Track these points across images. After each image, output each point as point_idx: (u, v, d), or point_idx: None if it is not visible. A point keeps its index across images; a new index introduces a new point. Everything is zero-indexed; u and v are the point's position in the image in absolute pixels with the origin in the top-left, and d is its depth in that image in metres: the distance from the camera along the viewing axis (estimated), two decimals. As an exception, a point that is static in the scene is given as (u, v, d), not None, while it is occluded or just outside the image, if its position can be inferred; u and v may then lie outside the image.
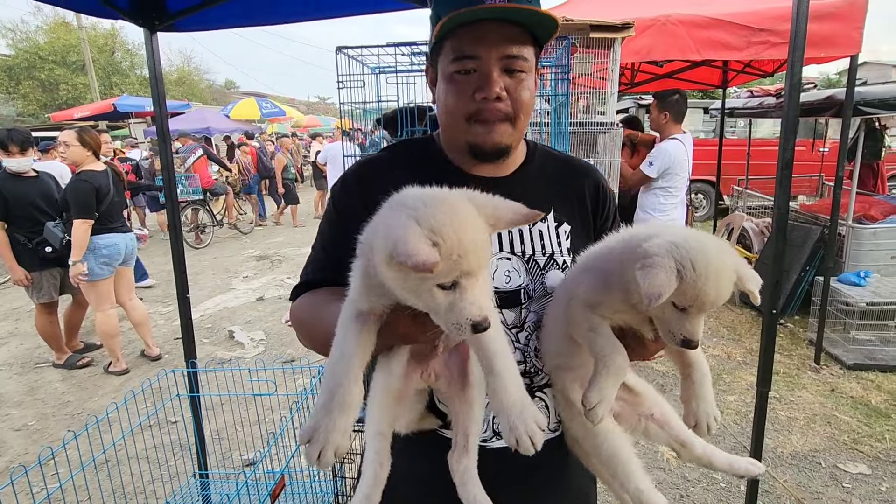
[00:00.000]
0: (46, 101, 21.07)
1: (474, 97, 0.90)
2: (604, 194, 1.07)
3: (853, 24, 3.45)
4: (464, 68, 0.89)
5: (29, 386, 4.01)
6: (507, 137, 0.94)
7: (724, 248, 0.76)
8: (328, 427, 0.67)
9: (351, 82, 1.94)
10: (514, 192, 0.94)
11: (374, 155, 1.12)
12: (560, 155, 1.11)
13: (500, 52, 0.88)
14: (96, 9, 1.96)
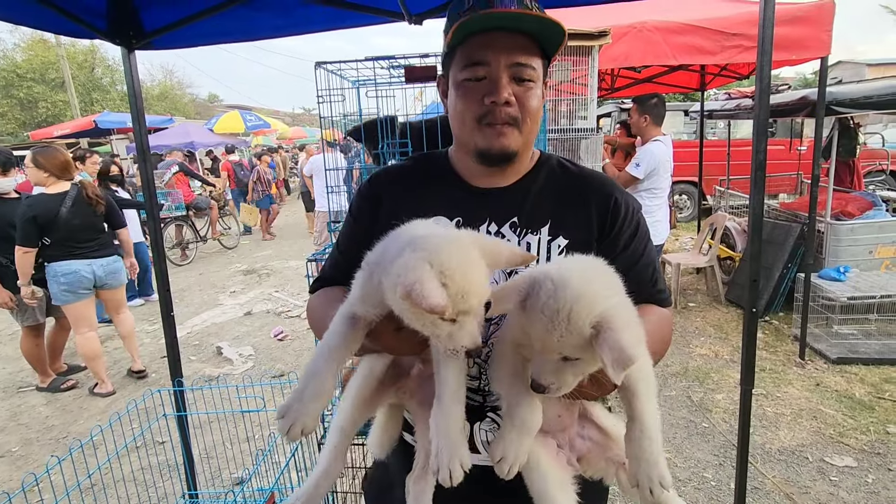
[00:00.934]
0: (25, 119, 20.80)
1: (483, 101, 0.93)
2: (616, 210, 0.99)
3: (822, 28, 3.56)
4: (474, 75, 0.93)
5: (12, 411, 3.92)
6: (514, 142, 0.95)
7: (590, 294, 0.68)
8: (299, 409, 0.75)
9: (331, 96, 1.95)
10: (511, 202, 0.99)
11: (399, 164, 1.19)
12: (575, 168, 1.07)
13: (509, 60, 0.92)
14: (73, 29, 1.95)
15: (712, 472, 2.76)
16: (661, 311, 1.01)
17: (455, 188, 1.03)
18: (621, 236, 0.99)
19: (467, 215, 0.99)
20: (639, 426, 0.77)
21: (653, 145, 3.78)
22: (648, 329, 0.87)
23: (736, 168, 6.93)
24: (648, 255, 1.02)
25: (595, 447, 0.91)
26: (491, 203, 1.00)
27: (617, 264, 0.91)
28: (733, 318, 4.82)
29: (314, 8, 2.00)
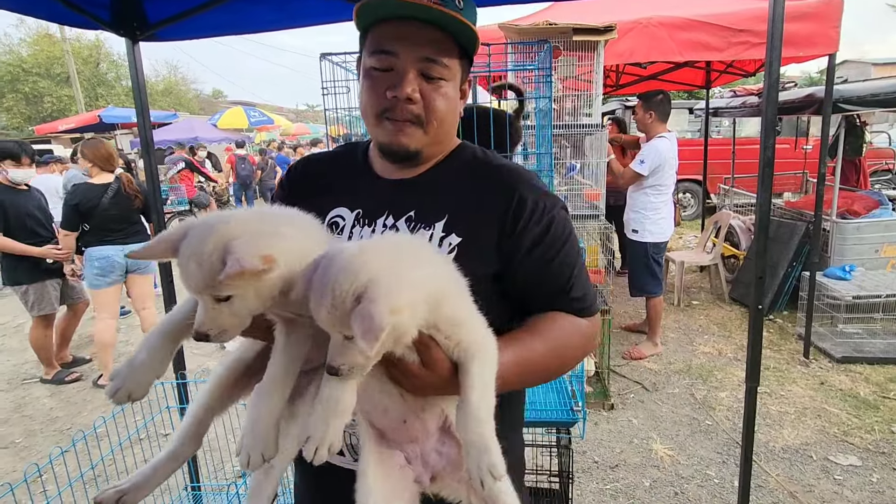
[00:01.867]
0: (30, 113, 20.84)
1: (386, 94, 0.86)
2: (520, 207, 0.89)
3: (830, 24, 3.53)
4: (381, 65, 0.87)
5: (16, 402, 3.94)
6: (415, 141, 0.89)
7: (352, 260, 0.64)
8: (128, 376, 0.77)
9: (335, 88, 1.94)
10: (411, 195, 0.93)
11: (326, 151, 1.16)
12: (494, 162, 0.98)
13: (419, 53, 0.85)
14: (78, 20, 1.95)
15: (715, 469, 2.75)
16: (567, 320, 0.90)
17: (363, 179, 1.00)
18: (525, 236, 0.88)
19: (368, 208, 0.95)
20: (465, 406, 0.69)
21: (658, 142, 3.76)
22: (541, 340, 0.86)
23: (740, 166, 6.89)
24: (563, 259, 0.90)
25: (450, 465, 0.81)
26: (392, 195, 0.95)
27: (520, 268, 0.89)
28: (737, 316, 4.80)
29: (312, 1, 2.00)
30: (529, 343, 0.85)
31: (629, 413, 3.31)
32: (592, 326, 0.95)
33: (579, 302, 0.92)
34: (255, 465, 0.74)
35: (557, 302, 0.91)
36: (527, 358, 0.83)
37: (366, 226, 0.94)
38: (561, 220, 0.92)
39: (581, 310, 0.92)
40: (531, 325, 0.89)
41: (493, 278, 0.89)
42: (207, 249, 0.64)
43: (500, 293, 0.91)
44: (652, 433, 3.09)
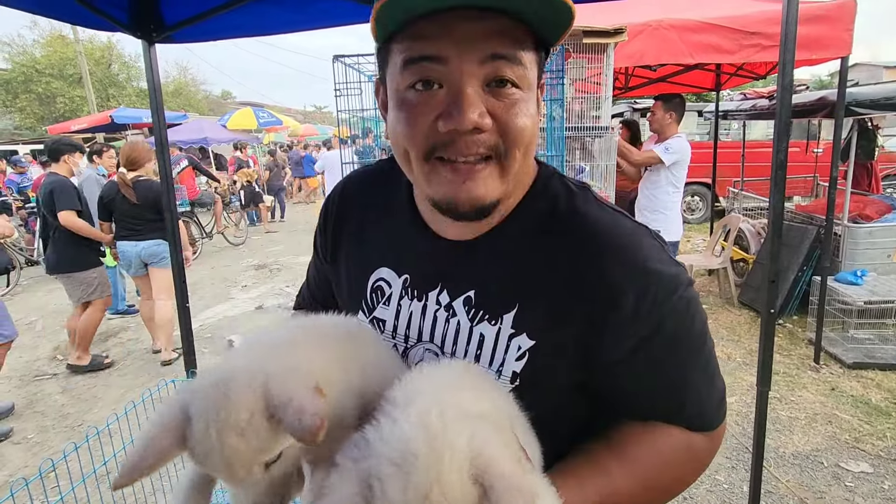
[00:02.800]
0: (43, 113, 21.12)
1: (438, 127, 0.57)
2: (624, 302, 0.61)
3: (843, 27, 3.50)
4: (422, 78, 0.57)
5: (28, 399, 3.99)
6: (491, 189, 0.60)
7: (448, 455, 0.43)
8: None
9: (348, 90, 1.96)
10: (471, 266, 0.68)
11: (365, 170, 0.88)
12: (586, 215, 0.66)
13: (481, 52, 0.55)
14: (95, 21, 1.98)
15: (724, 474, 2.73)
16: (674, 437, 0.67)
17: (411, 231, 0.73)
18: (623, 342, 0.62)
19: (417, 274, 0.72)
20: None
21: (682, 139, 3.78)
22: (629, 468, 0.64)
23: (750, 169, 6.85)
24: (680, 365, 0.65)
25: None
26: (448, 262, 0.70)
27: (614, 379, 0.65)
28: (746, 320, 4.77)
29: (331, 3, 2.01)
30: (616, 474, 0.63)
31: (637, 416, 3.30)
32: (711, 442, 0.70)
33: (697, 418, 0.68)
34: None
35: (664, 418, 0.67)
36: (610, 497, 0.62)
37: (415, 298, 0.72)
38: (678, 314, 0.63)
39: (696, 425, 0.68)
40: (619, 445, 0.66)
41: (573, 391, 0.67)
42: (244, 413, 0.47)
43: (583, 401, 0.69)
44: (660, 437, 3.07)
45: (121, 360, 4.59)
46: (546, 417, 0.62)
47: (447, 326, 0.69)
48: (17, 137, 19.70)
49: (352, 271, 0.80)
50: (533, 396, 0.62)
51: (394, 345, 0.75)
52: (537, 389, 0.63)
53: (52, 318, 5.88)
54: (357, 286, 0.78)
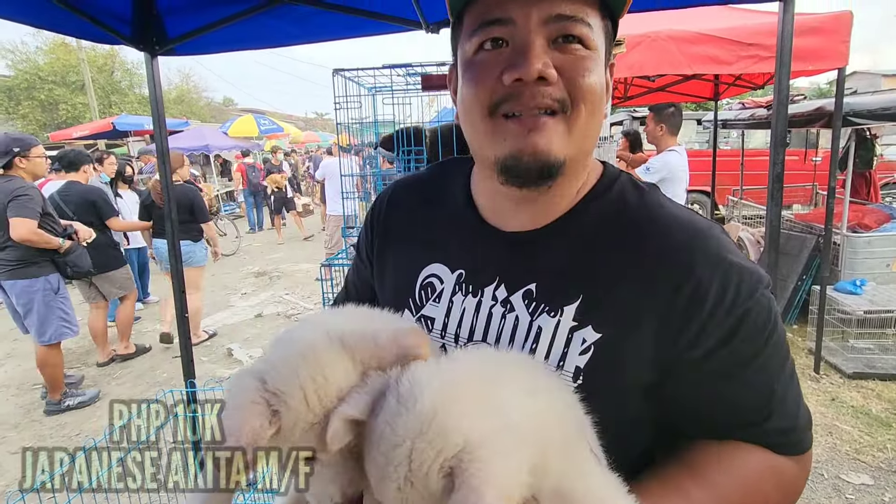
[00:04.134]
0: (46, 120, 21.22)
1: (502, 79, 0.57)
2: (704, 295, 0.58)
3: (839, 38, 3.53)
4: (489, 37, 0.58)
5: (26, 408, 3.98)
6: (557, 143, 0.58)
7: None
8: None
9: (348, 103, 1.98)
10: (531, 258, 0.65)
11: (414, 175, 0.87)
12: (659, 211, 0.65)
13: (545, 12, 0.56)
14: (98, 35, 2.00)
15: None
16: (757, 458, 0.60)
17: (466, 225, 0.72)
18: (701, 339, 0.58)
19: (472, 268, 0.70)
20: None
21: (668, 155, 3.77)
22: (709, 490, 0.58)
23: (749, 178, 6.87)
24: (761, 370, 0.60)
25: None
26: (506, 255, 0.68)
27: (689, 384, 0.59)
28: (746, 329, 4.77)
29: (332, 16, 2.04)
30: (690, 493, 0.57)
31: (637, 427, 3.29)
32: (800, 469, 0.64)
33: (781, 435, 0.62)
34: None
35: (746, 433, 0.62)
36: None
37: (469, 294, 0.69)
38: (762, 310, 0.59)
39: (784, 445, 0.62)
40: (697, 465, 0.60)
41: (644, 393, 0.61)
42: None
43: (655, 407, 0.63)
44: (660, 448, 3.06)
45: (119, 370, 4.59)
46: (612, 424, 0.56)
47: (503, 323, 0.65)
48: (20, 144, 19.74)
49: (399, 268, 0.77)
50: (598, 397, 0.56)
51: (442, 345, 0.70)
52: (604, 388, 0.58)
53: (51, 325, 5.87)
54: (404, 283, 0.75)
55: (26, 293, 3.62)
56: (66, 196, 4.38)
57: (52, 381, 3.80)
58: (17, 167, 3.59)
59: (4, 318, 6.21)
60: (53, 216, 3.81)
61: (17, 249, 3.54)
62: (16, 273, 3.57)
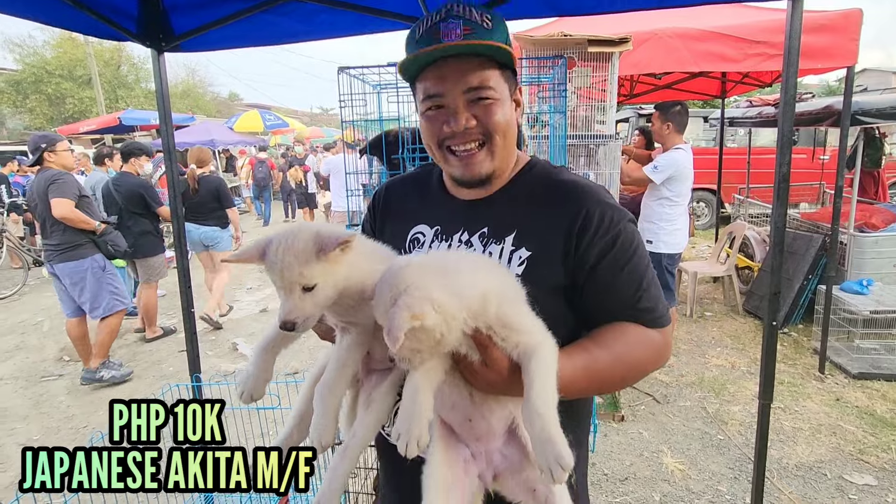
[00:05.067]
0: (53, 114, 21.32)
1: (443, 129, 0.95)
2: (587, 221, 0.93)
3: (849, 36, 3.49)
4: (433, 105, 0.95)
5: (34, 400, 4.03)
6: (485, 167, 0.97)
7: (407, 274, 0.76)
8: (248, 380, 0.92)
9: (353, 100, 1.98)
10: (485, 212, 1.01)
11: (409, 173, 1.26)
12: (559, 177, 1.03)
13: (463, 86, 0.92)
14: (105, 31, 2.01)
15: (727, 485, 2.72)
16: (634, 330, 0.93)
17: (439, 199, 1.09)
18: (592, 249, 0.92)
19: (444, 225, 1.05)
20: (526, 402, 0.74)
21: (675, 153, 3.75)
22: (605, 349, 0.89)
23: (756, 176, 6.83)
24: (631, 270, 0.93)
25: (511, 467, 0.88)
26: (467, 213, 1.03)
27: (588, 280, 0.92)
28: (751, 328, 4.75)
29: (337, 13, 2.04)
30: (595, 352, 0.89)
31: (640, 425, 3.29)
32: (664, 338, 0.96)
33: (649, 313, 0.94)
34: (320, 451, 0.89)
35: (626, 313, 0.93)
36: (591, 366, 0.86)
37: (443, 241, 1.03)
38: (629, 232, 0.95)
39: (650, 321, 0.94)
40: (596, 335, 0.92)
41: (562, 291, 0.94)
42: (300, 243, 0.79)
43: (570, 306, 0.95)
44: (663, 446, 3.07)
45: (126, 363, 4.63)
46: (543, 316, 0.83)
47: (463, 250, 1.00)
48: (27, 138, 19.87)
49: (395, 230, 1.10)
50: (532, 296, 0.84)
51: None
52: (535, 290, 0.85)
53: (59, 318, 5.92)
54: (398, 240, 1.07)
55: (77, 273, 3.98)
56: (117, 186, 4.82)
57: (99, 348, 4.17)
58: (47, 161, 3.97)
59: (12, 312, 6.28)
60: (90, 201, 4.15)
61: (63, 234, 3.92)
62: (64, 256, 3.94)
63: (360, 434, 0.91)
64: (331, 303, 0.83)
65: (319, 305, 0.82)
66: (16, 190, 9.08)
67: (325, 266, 0.79)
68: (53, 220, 3.88)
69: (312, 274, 0.79)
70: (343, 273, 0.82)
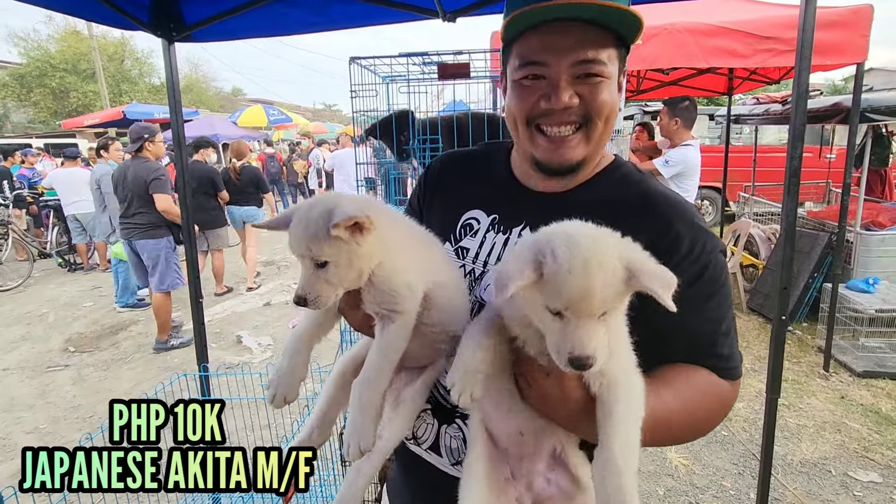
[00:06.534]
0: (57, 108, 21.35)
1: (540, 103, 0.82)
2: (675, 244, 0.80)
3: (859, 32, 3.47)
4: (531, 73, 0.82)
5: (41, 389, 4.05)
6: (578, 151, 0.84)
7: (605, 239, 0.65)
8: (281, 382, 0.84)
9: (363, 91, 1.98)
10: (554, 210, 0.80)
11: (466, 150, 1.12)
12: (649, 185, 0.89)
13: (572, 59, 0.79)
14: (117, 20, 2.01)
15: (731, 480, 2.73)
16: (705, 377, 0.81)
17: (504, 185, 0.97)
18: (680, 271, 0.72)
19: (504, 215, 0.93)
20: (604, 451, 0.65)
21: (686, 149, 3.75)
22: (675, 393, 0.77)
23: (761, 174, 6.80)
24: (713, 309, 0.82)
25: (559, 495, 0.79)
26: (533, 207, 0.90)
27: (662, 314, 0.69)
28: (755, 326, 4.74)
29: (348, 4, 2.03)
30: (661, 394, 0.75)
31: (644, 420, 3.29)
32: (733, 391, 0.85)
33: (724, 360, 0.83)
34: (355, 456, 0.78)
35: (699, 357, 0.82)
36: (655, 410, 0.71)
37: (500, 232, 0.93)
38: (719, 265, 0.83)
39: (726, 370, 0.83)
40: (663, 375, 0.79)
41: (630, 319, 0.75)
42: (315, 214, 0.74)
43: (637, 338, 0.77)
44: (667, 441, 3.07)
45: (130, 354, 4.66)
46: None
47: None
48: (31, 131, 19.92)
49: (446, 212, 1.00)
50: None
51: (472, 269, 0.95)
52: None
53: (63, 310, 5.96)
54: (448, 222, 0.99)
55: (154, 250, 4.56)
56: (191, 172, 5.46)
57: (162, 324, 4.70)
58: (146, 150, 4.58)
59: (17, 303, 6.31)
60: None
61: (147, 215, 4.53)
62: (146, 234, 4.56)
63: (386, 435, 0.86)
64: (348, 284, 0.77)
65: (332, 284, 0.75)
66: (20, 182, 9.09)
67: (337, 243, 0.72)
68: (141, 203, 4.51)
69: (320, 250, 0.73)
70: (364, 254, 0.74)
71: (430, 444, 0.95)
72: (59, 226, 7.88)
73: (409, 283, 0.79)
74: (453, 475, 0.89)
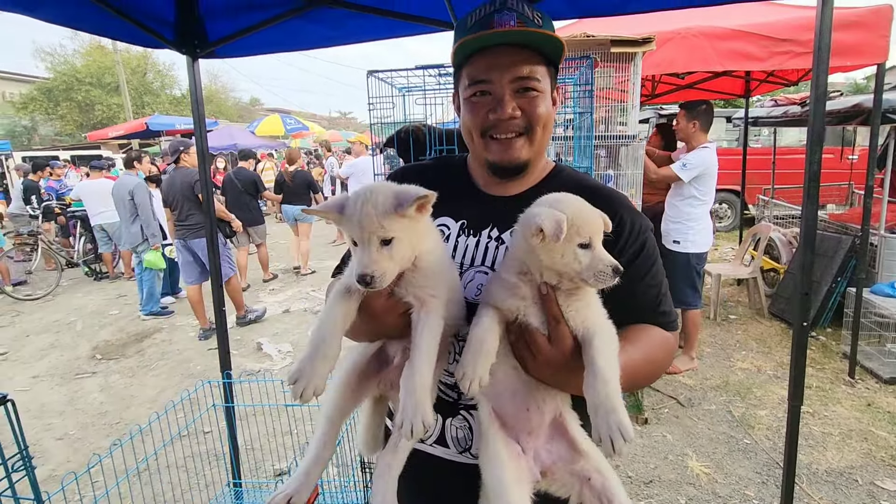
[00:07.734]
0: (83, 120, 22.01)
1: (489, 117, 0.97)
2: (619, 228, 0.98)
3: (879, 33, 3.42)
4: (479, 90, 0.98)
5: (69, 396, 4.17)
6: (524, 153, 1.00)
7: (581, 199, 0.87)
8: (310, 373, 0.81)
9: (380, 103, 2.02)
10: (515, 210, 0.95)
11: (419, 163, 1.27)
12: (588, 182, 1.09)
13: (512, 74, 0.95)
14: (143, 39, 2.09)
15: (755, 489, 2.68)
16: (658, 332, 1.00)
17: (466, 193, 1.09)
18: (622, 255, 0.96)
19: (472, 219, 1.05)
20: (592, 371, 0.77)
21: (703, 152, 3.72)
22: (637, 347, 0.93)
23: (780, 177, 6.69)
24: (654, 276, 1.01)
25: (561, 460, 0.88)
26: (497, 209, 1.03)
27: (615, 286, 0.89)
28: (777, 332, 4.66)
29: (366, 19, 2.08)
30: (629, 350, 0.90)
31: (663, 428, 3.26)
32: (675, 341, 1.04)
33: (667, 316, 1.01)
34: (418, 434, 0.80)
35: (649, 316, 1.00)
36: (627, 363, 0.85)
37: (470, 235, 1.04)
38: (652, 240, 1.03)
39: (668, 324, 1.01)
40: (627, 335, 0.93)
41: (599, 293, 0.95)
42: (381, 196, 0.80)
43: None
44: (687, 449, 3.03)
45: (155, 361, 4.76)
46: None
47: (497, 252, 1.01)
48: (58, 143, 20.57)
49: None
50: None
51: None
52: None
53: (91, 318, 6.13)
54: None
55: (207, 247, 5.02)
56: (238, 177, 6.76)
57: (236, 304, 5.52)
58: (183, 161, 5.18)
59: (46, 312, 6.50)
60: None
61: (198, 216, 5.11)
62: (199, 234, 5.09)
63: None
64: (408, 262, 0.84)
65: (396, 261, 0.81)
66: (48, 194, 9.38)
67: (403, 221, 0.80)
68: (191, 206, 5.11)
69: (392, 226, 0.79)
70: (421, 232, 0.84)
71: (435, 439, 1.01)
72: (85, 235, 8.11)
73: (447, 268, 0.88)
74: (460, 462, 0.97)
